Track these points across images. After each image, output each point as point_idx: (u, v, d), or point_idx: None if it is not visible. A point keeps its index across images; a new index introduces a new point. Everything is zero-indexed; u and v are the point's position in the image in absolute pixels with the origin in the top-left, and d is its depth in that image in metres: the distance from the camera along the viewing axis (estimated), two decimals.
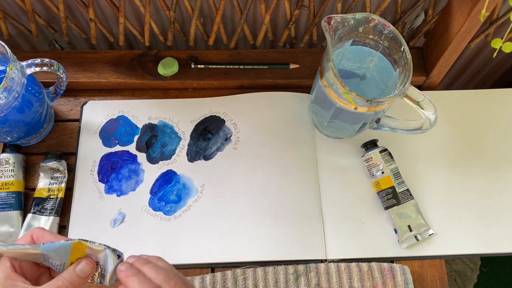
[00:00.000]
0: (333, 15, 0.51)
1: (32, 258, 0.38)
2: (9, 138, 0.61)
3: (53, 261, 0.37)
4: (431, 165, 0.64)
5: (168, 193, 0.62)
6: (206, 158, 0.64)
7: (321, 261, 0.58)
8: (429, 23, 0.70)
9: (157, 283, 0.38)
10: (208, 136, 0.65)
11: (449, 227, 0.60)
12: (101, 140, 0.65)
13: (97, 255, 0.39)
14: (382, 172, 0.60)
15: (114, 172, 0.63)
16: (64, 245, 0.37)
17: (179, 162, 0.64)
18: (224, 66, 0.69)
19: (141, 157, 0.64)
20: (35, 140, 0.65)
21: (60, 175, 0.62)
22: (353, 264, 0.57)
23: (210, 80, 0.69)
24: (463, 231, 0.60)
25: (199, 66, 0.69)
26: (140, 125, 0.66)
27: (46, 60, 0.57)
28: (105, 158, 0.64)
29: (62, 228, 0.60)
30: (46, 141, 0.66)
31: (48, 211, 0.60)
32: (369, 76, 0.58)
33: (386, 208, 0.60)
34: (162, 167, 0.64)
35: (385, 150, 0.61)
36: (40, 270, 0.40)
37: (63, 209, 0.61)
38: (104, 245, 0.39)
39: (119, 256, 0.40)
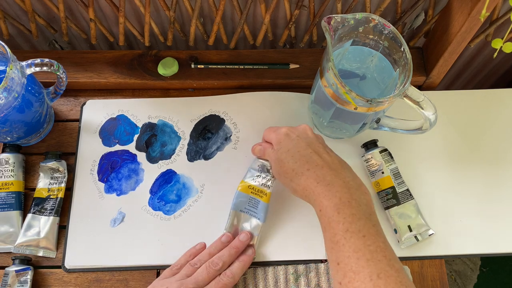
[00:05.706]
0: (333, 15, 0.51)
1: None
2: (9, 138, 0.61)
3: None
4: (431, 165, 0.64)
5: (168, 193, 0.62)
6: (206, 157, 0.64)
7: (321, 261, 0.58)
8: (429, 23, 0.70)
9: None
10: (208, 135, 0.65)
11: (449, 227, 0.60)
12: (100, 139, 0.65)
13: None
14: (382, 172, 0.60)
15: (114, 171, 0.63)
16: None
17: (179, 162, 0.64)
18: (224, 66, 0.69)
19: (141, 156, 0.64)
20: (35, 140, 0.65)
21: (60, 175, 0.62)
22: None
23: (210, 80, 0.69)
24: (463, 231, 0.60)
25: (199, 66, 0.69)
26: (139, 124, 0.66)
27: (46, 60, 0.57)
28: (105, 158, 0.64)
29: (62, 228, 0.60)
30: (46, 141, 0.66)
31: (48, 211, 0.60)
32: (369, 76, 0.58)
33: (386, 208, 0.60)
34: (162, 166, 0.64)
35: (385, 150, 0.61)
36: None
37: (63, 209, 0.61)
38: None
39: None
